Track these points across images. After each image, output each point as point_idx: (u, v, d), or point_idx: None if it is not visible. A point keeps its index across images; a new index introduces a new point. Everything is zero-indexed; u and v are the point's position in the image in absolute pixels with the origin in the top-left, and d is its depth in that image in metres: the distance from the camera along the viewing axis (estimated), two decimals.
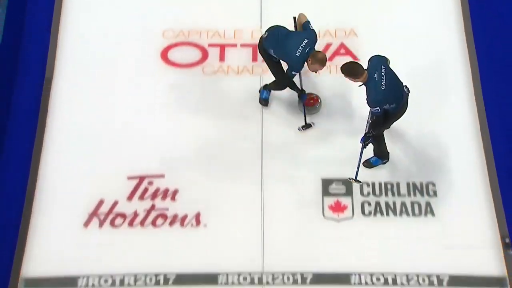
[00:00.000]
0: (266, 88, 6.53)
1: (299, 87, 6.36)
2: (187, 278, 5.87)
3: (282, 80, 6.23)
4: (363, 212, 6.13)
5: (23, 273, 5.92)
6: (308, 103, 6.50)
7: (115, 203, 6.19)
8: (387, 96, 5.48)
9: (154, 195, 6.22)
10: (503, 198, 6.13)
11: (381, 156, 6.16)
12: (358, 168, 5.88)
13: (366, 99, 5.51)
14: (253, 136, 6.51)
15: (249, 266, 5.90)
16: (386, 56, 5.67)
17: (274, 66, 6.17)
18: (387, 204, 6.15)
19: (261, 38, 6.09)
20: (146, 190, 6.24)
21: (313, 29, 5.95)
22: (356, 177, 5.89)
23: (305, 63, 5.87)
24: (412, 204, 6.14)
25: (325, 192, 6.20)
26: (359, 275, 5.84)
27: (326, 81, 6.68)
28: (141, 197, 6.22)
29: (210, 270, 5.88)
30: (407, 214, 6.10)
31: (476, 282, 5.83)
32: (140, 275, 5.88)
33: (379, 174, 6.25)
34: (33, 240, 6.04)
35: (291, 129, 6.49)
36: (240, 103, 6.68)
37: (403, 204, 6.15)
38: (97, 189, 6.24)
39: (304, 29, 6.00)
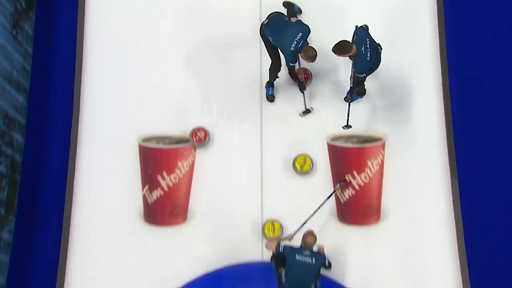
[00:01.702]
0: (269, 85, 7.08)
1: (304, 107, 7.01)
2: None
3: (276, 65, 6.82)
4: None
5: None
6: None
7: None
8: (371, 62, 6.42)
9: None
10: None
11: (360, 93, 6.99)
12: (348, 116, 6.63)
13: (354, 67, 6.45)
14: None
15: None
16: (365, 25, 6.48)
17: (271, 50, 6.75)
18: None
19: (262, 23, 6.65)
20: None
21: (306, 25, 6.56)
22: (347, 123, 6.66)
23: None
24: None
25: None
26: None
27: None
28: None
29: None
30: None
31: None
32: None
33: None
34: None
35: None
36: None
37: None
38: None
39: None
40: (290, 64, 6.61)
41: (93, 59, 7.31)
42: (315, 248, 6.11)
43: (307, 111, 7.08)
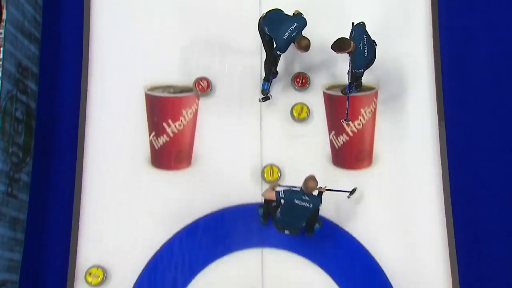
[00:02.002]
0: (265, 80, 7.25)
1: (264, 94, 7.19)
2: None
3: (270, 58, 6.97)
4: None
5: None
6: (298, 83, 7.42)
7: None
8: (368, 58, 6.60)
9: None
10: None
11: (357, 86, 7.13)
12: (347, 110, 6.85)
13: (351, 63, 6.61)
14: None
15: None
16: (362, 22, 6.69)
17: (267, 44, 6.89)
18: None
19: (260, 18, 6.82)
20: None
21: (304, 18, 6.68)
22: (346, 117, 6.88)
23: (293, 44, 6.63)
24: None
25: None
26: None
27: None
28: None
29: None
30: None
31: None
32: None
33: None
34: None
35: None
36: None
37: None
38: None
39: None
40: (278, 52, 6.72)
41: (101, 11, 7.61)
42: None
43: (266, 98, 7.22)
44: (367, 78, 7.15)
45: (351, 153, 7.31)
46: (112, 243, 7.08)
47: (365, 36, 6.55)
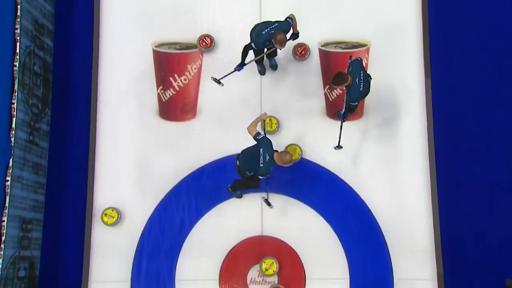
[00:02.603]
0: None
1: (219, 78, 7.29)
2: None
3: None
4: None
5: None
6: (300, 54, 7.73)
7: None
8: (363, 93, 6.86)
9: None
10: None
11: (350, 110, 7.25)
12: (339, 138, 7.21)
13: (347, 95, 6.85)
14: None
15: None
16: (359, 58, 6.95)
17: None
18: None
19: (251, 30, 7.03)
20: None
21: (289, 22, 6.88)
22: (338, 144, 7.24)
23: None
24: None
25: None
26: None
27: None
28: None
29: None
30: None
31: None
32: None
33: None
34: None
35: None
36: None
37: None
38: None
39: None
40: (252, 44, 6.90)
41: None
42: None
43: (218, 82, 7.31)
44: (361, 35, 7.61)
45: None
46: (125, 187, 7.62)
47: (361, 72, 6.77)
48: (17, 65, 7.18)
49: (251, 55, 7.14)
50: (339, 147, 7.27)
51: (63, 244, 7.63)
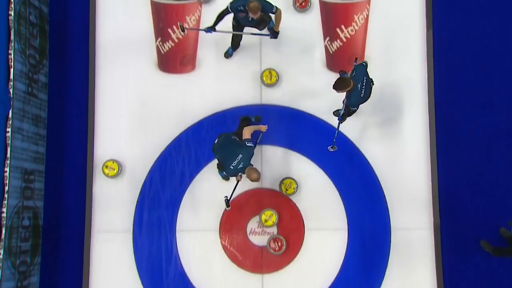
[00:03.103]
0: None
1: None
2: None
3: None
4: None
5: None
6: None
7: None
8: (364, 98, 6.77)
9: None
10: None
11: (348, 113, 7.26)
12: (335, 138, 7.04)
13: (347, 99, 6.74)
14: None
15: None
16: (365, 61, 6.84)
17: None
18: None
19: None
20: None
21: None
22: (333, 144, 7.05)
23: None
24: None
25: None
26: None
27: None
28: None
29: None
30: None
31: None
32: None
33: None
34: None
35: None
36: None
37: None
38: None
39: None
40: (229, 8, 6.77)
41: None
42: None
43: (183, 29, 7.26)
44: None
45: (344, 57, 7.72)
46: (125, 139, 7.67)
47: (365, 78, 6.67)
48: (12, 14, 7.07)
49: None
50: (333, 147, 7.07)
51: (66, 195, 7.72)
